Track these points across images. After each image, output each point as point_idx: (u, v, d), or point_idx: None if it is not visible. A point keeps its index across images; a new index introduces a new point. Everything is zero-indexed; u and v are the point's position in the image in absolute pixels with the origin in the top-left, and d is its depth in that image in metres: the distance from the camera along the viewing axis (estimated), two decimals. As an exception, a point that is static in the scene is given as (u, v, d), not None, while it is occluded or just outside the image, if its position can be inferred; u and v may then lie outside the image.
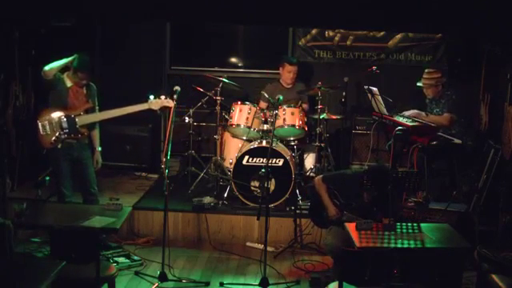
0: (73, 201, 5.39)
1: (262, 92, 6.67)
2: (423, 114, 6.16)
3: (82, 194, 5.48)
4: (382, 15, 4.58)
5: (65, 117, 5.28)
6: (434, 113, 6.21)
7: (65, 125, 5.28)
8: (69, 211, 4.72)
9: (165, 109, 5.40)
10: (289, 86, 6.85)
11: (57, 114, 5.28)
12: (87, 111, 5.38)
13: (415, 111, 6.24)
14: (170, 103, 5.28)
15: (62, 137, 5.28)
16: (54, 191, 5.71)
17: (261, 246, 5.73)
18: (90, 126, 5.47)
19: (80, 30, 6.89)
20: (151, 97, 5.35)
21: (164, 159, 5.11)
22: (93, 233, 4.29)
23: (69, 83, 5.33)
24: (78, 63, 5.23)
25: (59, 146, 5.28)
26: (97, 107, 5.52)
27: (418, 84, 6.27)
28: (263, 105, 6.86)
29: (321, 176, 5.22)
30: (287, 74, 6.81)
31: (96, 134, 5.56)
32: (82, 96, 5.38)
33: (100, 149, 5.57)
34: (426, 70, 6.25)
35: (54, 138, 5.26)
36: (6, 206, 4.48)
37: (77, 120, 5.30)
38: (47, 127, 5.26)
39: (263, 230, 5.31)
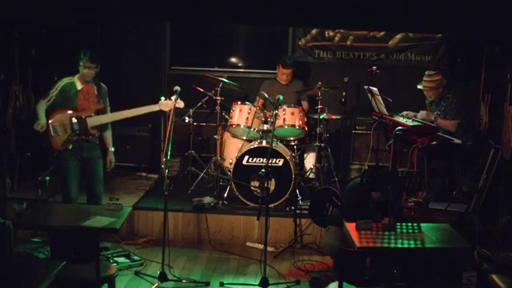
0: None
1: (262, 92, 6.67)
2: (432, 116, 6.15)
3: (86, 194, 5.46)
4: (382, 15, 4.58)
5: (75, 118, 5.27)
6: (435, 114, 6.21)
7: (76, 126, 5.27)
8: (69, 211, 4.72)
9: (176, 109, 5.39)
10: (285, 83, 6.88)
11: (67, 116, 5.27)
12: (98, 112, 5.38)
13: (424, 112, 6.25)
14: (181, 104, 5.29)
15: (73, 138, 5.28)
16: (54, 191, 5.72)
17: (261, 246, 5.73)
18: (103, 127, 5.47)
19: (80, 30, 6.89)
20: (162, 98, 5.35)
21: (164, 159, 5.11)
22: (93, 233, 4.29)
23: (79, 86, 5.31)
24: (89, 54, 5.23)
25: (70, 147, 5.28)
26: (108, 107, 5.52)
27: (419, 87, 6.25)
28: (261, 102, 6.88)
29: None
30: (281, 75, 6.87)
31: (108, 134, 5.56)
32: (93, 97, 5.37)
33: (113, 149, 5.57)
34: (427, 73, 6.20)
35: (64, 140, 5.25)
36: (5, 205, 4.48)
37: (87, 121, 5.30)
38: (58, 129, 5.26)
39: (263, 230, 5.31)
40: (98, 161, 5.45)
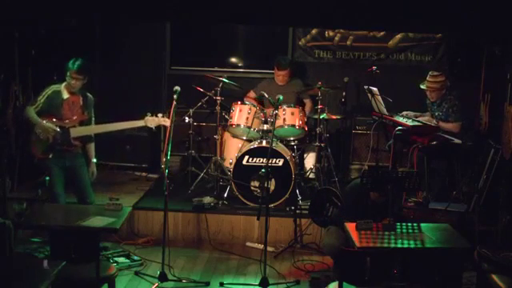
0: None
1: (263, 92, 6.67)
2: (434, 121, 6.15)
3: (78, 203, 5.41)
4: (382, 15, 4.58)
5: (59, 127, 5.24)
6: (435, 115, 6.20)
7: (58, 136, 5.24)
8: (69, 211, 4.72)
9: (161, 127, 5.38)
10: (282, 84, 6.87)
11: (51, 124, 5.23)
12: (82, 123, 5.33)
13: (427, 117, 6.27)
14: (167, 122, 5.24)
15: (55, 147, 5.24)
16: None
17: (261, 246, 5.73)
18: (86, 139, 5.42)
19: (80, 30, 6.89)
20: (148, 114, 5.34)
21: (164, 159, 5.11)
22: (93, 233, 4.29)
23: (65, 95, 5.26)
24: (78, 65, 5.18)
25: (50, 156, 5.25)
26: (93, 118, 5.47)
27: (422, 87, 6.23)
28: (252, 95, 6.91)
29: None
30: (277, 76, 6.87)
31: (91, 146, 5.50)
32: (78, 107, 5.32)
33: (95, 160, 5.52)
34: (430, 73, 6.15)
35: (46, 148, 5.22)
36: (6, 206, 4.48)
37: (70, 131, 5.26)
38: (40, 136, 5.24)
39: (263, 230, 5.31)
40: (82, 169, 5.38)
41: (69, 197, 5.44)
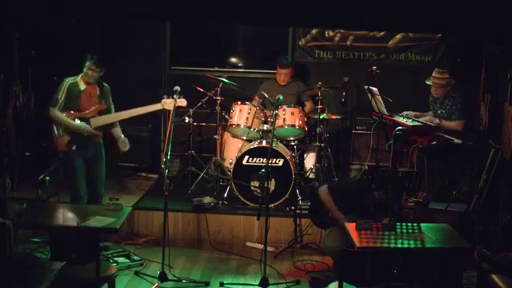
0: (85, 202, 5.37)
1: (262, 92, 6.67)
2: (436, 120, 6.15)
3: (88, 192, 5.46)
4: (382, 15, 4.58)
5: (79, 119, 5.28)
6: (438, 113, 6.20)
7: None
8: (69, 211, 4.72)
9: (179, 108, 5.42)
10: (283, 84, 6.86)
11: (71, 117, 5.28)
12: (101, 113, 5.40)
13: (428, 117, 6.27)
14: (184, 102, 5.33)
15: (78, 139, 5.28)
16: (54, 191, 5.70)
17: (261, 246, 5.73)
18: (109, 126, 5.51)
19: (80, 30, 6.89)
20: (165, 96, 5.37)
21: (164, 159, 5.11)
22: (93, 233, 4.29)
23: (82, 86, 5.33)
24: (95, 58, 5.26)
25: (74, 148, 5.29)
26: (112, 106, 5.55)
27: (428, 82, 6.23)
28: (257, 99, 6.90)
29: (326, 186, 5.01)
30: (279, 75, 6.85)
31: (117, 129, 5.59)
32: (95, 97, 5.39)
33: (123, 136, 5.57)
34: (437, 70, 6.16)
35: (69, 141, 5.26)
36: (6, 205, 4.48)
37: (91, 122, 5.31)
38: (62, 130, 5.27)
39: (263, 230, 5.31)
40: (100, 160, 5.48)
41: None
